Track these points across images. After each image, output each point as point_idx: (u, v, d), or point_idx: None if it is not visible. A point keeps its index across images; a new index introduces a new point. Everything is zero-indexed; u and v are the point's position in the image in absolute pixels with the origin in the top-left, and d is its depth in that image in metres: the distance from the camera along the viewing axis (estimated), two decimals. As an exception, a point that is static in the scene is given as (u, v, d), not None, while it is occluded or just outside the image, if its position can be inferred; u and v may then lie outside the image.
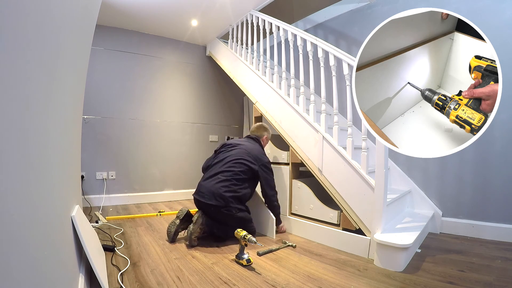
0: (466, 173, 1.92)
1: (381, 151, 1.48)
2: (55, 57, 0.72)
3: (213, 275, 1.29)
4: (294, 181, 2.03)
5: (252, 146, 1.98)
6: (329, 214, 1.78)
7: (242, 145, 1.98)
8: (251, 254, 1.51)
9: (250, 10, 2.64)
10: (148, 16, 2.80)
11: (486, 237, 1.79)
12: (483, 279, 1.23)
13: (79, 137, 1.62)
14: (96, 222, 2.07)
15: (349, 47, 2.64)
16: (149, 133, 3.17)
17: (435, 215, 2.00)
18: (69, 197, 1.07)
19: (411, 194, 2.16)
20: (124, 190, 2.99)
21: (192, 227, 1.68)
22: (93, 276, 1.03)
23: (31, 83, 0.53)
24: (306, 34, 1.99)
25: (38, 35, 0.56)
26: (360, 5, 2.60)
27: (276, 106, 2.22)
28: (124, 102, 3.03)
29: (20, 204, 0.48)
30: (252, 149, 1.95)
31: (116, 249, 1.55)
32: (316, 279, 1.27)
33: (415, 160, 2.17)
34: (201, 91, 3.61)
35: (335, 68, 1.79)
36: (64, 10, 0.75)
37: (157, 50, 3.28)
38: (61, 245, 0.77)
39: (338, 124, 1.78)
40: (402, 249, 1.35)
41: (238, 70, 2.82)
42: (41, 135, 0.62)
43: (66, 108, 0.96)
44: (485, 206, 1.83)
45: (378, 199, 1.48)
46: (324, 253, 1.61)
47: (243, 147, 1.95)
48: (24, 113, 0.50)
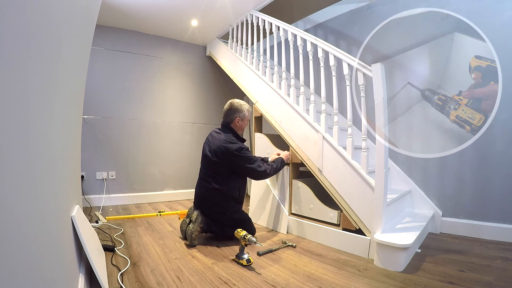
0: (466, 173, 1.92)
1: (381, 151, 1.48)
2: (55, 57, 0.72)
3: (213, 275, 1.29)
4: (294, 181, 2.03)
5: (217, 139, 1.80)
6: (329, 214, 1.78)
7: (209, 140, 1.86)
8: (251, 254, 1.51)
9: (250, 10, 2.64)
10: (148, 16, 2.80)
11: (486, 237, 1.79)
12: (483, 279, 1.23)
13: (79, 137, 1.62)
14: (96, 222, 2.07)
15: (349, 47, 2.64)
16: (149, 133, 3.17)
17: (435, 215, 2.00)
18: (69, 197, 1.07)
19: (411, 194, 2.16)
20: (124, 190, 2.99)
21: (192, 226, 1.69)
22: (93, 276, 1.03)
23: (31, 83, 0.53)
24: (306, 34, 1.99)
25: (38, 35, 0.56)
26: (360, 5, 2.60)
27: (276, 106, 2.22)
28: (124, 102, 3.03)
29: (20, 204, 0.48)
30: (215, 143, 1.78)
31: (116, 249, 1.55)
32: (316, 279, 1.26)
33: (415, 160, 2.17)
34: (201, 91, 3.61)
35: (335, 68, 1.79)
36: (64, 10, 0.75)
37: (157, 50, 3.28)
38: (61, 245, 0.77)
39: (338, 124, 1.78)
40: (402, 249, 1.35)
41: (238, 70, 2.82)
42: (41, 135, 0.62)
43: (66, 108, 0.96)
44: (485, 206, 1.83)
45: (378, 199, 1.48)
46: (324, 253, 1.61)
47: (211, 144, 1.82)
48: (24, 113, 0.50)
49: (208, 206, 1.76)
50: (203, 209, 1.77)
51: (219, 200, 1.75)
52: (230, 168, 1.75)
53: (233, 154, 1.70)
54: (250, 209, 2.38)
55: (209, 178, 1.77)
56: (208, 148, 1.82)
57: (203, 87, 3.63)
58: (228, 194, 1.76)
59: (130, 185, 3.03)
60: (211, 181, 1.76)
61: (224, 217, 1.76)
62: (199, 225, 1.71)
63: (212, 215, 1.76)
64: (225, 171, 1.76)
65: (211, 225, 1.77)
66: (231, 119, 1.89)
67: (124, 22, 2.93)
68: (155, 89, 3.24)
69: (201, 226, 1.72)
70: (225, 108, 1.92)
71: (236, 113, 1.88)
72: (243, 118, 1.90)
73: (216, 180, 1.75)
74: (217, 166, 1.76)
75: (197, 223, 1.70)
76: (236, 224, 1.76)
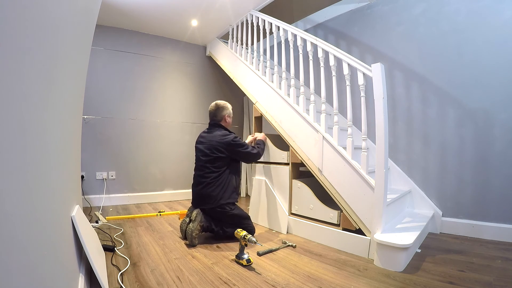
0: (466, 173, 1.92)
1: (381, 151, 1.48)
2: (55, 57, 0.72)
3: (213, 275, 1.29)
4: (294, 181, 2.03)
5: (211, 136, 1.92)
6: (329, 214, 1.78)
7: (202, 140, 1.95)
8: (251, 254, 1.51)
9: (250, 10, 2.64)
10: (148, 16, 2.80)
11: (486, 237, 1.79)
12: (483, 279, 1.23)
13: (79, 137, 1.62)
14: (96, 222, 2.07)
15: (349, 47, 2.64)
16: (149, 133, 3.17)
17: (435, 215, 2.00)
18: (69, 197, 1.07)
19: (411, 194, 2.16)
20: (124, 190, 2.99)
21: (192, 225, 1.69)
22: (93, 276, 1.03)
23: (31, 83, 0.53)
24: (306, 34, 1.99)
25: (38, 35, 0.56)
26: (360, 5, 2.60)
27: (276, 106, 2.22)
28: (124, 102, 3.03)
29: (20, 204, 0.48)
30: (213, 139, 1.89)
31: (116, 249, 1.55)
32: (316, 279, 1.26)
33: (415, 160, 2.18)
34: (201, 91, 3.61)
35: (335, 68, 1.79)
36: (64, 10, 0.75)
37: (157, 50, 3.28)
38: (61, 245, 0.77)
39: (338, 124, 1.78)
40: (402, 249, 1.35)
41: (238, 70, 2.82)
42: (41, 135, 0.62)
43: (66, 108, 0.96)
44: (485, 206, 1.83)
45: (378, 199, 1.48)
46: (324, 253, 1.61)
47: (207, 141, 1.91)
48: (24, 113, 0.50)
49: (207, 201, 1.78)
50: (202, 206, 1.79)
51: (219, 191, 1.78)
52: (231, 157, 1.87)
53: (231, 143, 1.86)
54: (250, 209, 2.38)
55: (207, 173, 1.83)
56: (203, 146, 1.91)
57: (203, 87, 3.63)
58: (226, 183, 1.82)
59: (130, 185, 3.03)
60: (209, 175, 1.82)
61: (224, 212, 1.77)
62: (199, 223, 1.71)
63: (211, 211, 1.78)
64: (221, 164, 1.85)
65: (211, 223, 1.78)
66: (221, 117, 2.01)
67: (124, 22, 2.93)
68: (155, 89, 3.25)
69: (201, 224, 1.73)
70: (211, 109, 2.03)
71: (224, 111, 2.02)
72: (230, 115, 2.06)
73: (213, 173, 1.82)
74: (215, 160, 1.84)
75: (197, 222, 1.71)
76: (235, 221, 1.78)
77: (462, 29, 1.94)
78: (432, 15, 2.10)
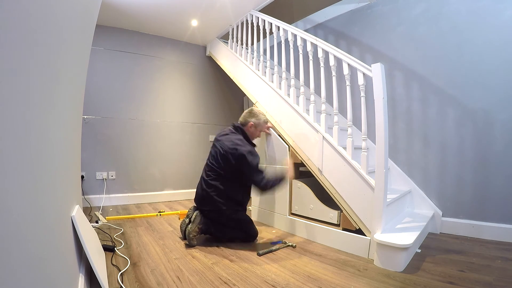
0: (466, 173, 1.92)
1: (381, 151, 1.48)
2: (55, 57, 0.72)
3: (213, 275, 1.29)
4: (294, 181, 2.03)
5: (228, 138, 1.79)
6: (329, 214, 1.78)
7: (219, 140, 1.83)
8: (251, 254, 1.51)
9: (250, 10, 2.64)
10: (148, 16, 2.80)
11: (486, 237, 1.79)
12: (483, 279, 1.23)
13: (79, 137, 1.62)
14: (96, 222, 2.07)
15: (349, 47, 2.64)
16: (149, 133, 3.17)
17: (435, 215, 2.00)
18: (69, 197, 1.07)
19: (411, 194, 2.16)
20: (124, 190, 2.99)
21: (190, 226, 1.69)
22: (93, 276, 1.03)
23: (31, 83, 0.53)
24: (306, 34, 1.99)
25: (37, 35, 0.56)
26: (360, 5, 2.60)
27: (276, 106, 2.22)
28: (124, 102, 3.03)
29: (20, 204, 0.48)
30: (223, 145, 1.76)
31: (116, 249, 1.55)
32: (316, 279, 1.26)
33: (415, 160, 2.18)
34: (201, 91, 3.61)
35: (335, 68, 1.79)
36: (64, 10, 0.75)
37: (157, 50, 3.28)
38: (61, 245, 0.77)
39: (338, 124, 1.78)
40: (402, 249, 1.35)
41: (238, 70, 2.82)
42: (41, 135, 0.62)
43: (66, 108, 0.96)
44: (485, 206, 1.83)
45: (378, 199, 1.48)
46: (324, 253, 1.61)
47: (220, 143, 1.80)
48: (24, 113, 0.50)
49: (206, 204, 1.75)
50: (202, 208, 1.77)
51: (217, 198, 1.71)
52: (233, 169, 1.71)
53: (242, 156, 1.65)
54: (251, 209, 2.38)
55: (212, 174, 1.76)
56: (214, 150, 1.83)
57: (203, 87, 3.63)
58: (227, 193, 1.73)
59: (130, 185, 3.03)
60: (212, 178, 1.74)
61: (223, 217, 1.74)
62: (197, 225, 1.70)
63: (210, 214, 1.75)
64: (228, 170, 1.73)
65: (210, 226, 1.76)
66: (246, 122, 1.93)
67: (124, 22, 2.93)
68: (155, 89, 3.25)
69: (200, 226, 1.71)
70: (245, 111, 1.99)
71: (252, 118, 1.93)
72: (257, 126, 1.93)
73: (217, 177, 1.74)
74: (222, 164, 1.73)
75: (195, 223, 1.70)
76: (236, 225, 1.76)
77: (462, 29, 1.94)
78: (432, 15, 2.10)
